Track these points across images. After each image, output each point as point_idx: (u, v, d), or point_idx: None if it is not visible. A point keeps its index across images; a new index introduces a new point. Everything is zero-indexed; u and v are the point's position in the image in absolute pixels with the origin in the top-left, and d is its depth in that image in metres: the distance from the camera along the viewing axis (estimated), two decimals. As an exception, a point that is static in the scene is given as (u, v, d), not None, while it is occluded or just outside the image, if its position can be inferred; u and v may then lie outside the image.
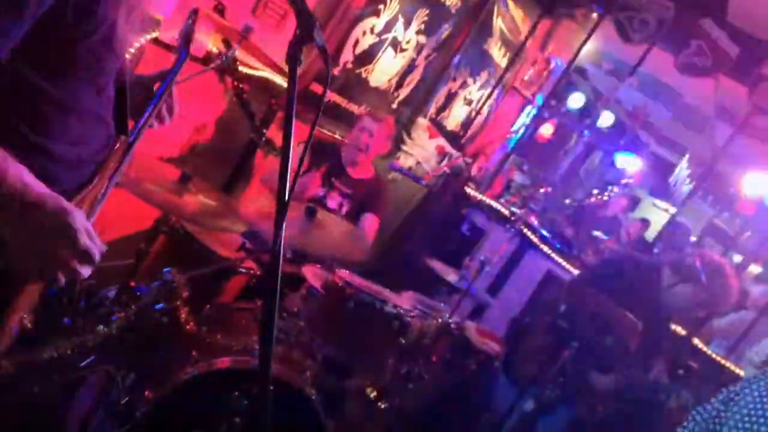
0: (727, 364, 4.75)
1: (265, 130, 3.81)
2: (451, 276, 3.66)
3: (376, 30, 4.61)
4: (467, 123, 7.07)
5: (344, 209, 3.63)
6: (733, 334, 5.26)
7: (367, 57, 4.70)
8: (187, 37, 1.66)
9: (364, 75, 4.82)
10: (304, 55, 1.24)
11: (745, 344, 5.06)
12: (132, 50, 2.75)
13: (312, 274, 2.79)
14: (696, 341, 4.79)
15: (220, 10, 3.12)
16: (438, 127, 6.36)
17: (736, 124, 6.64)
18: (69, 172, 1.26)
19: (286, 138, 1.18)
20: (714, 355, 4.83)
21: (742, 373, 4.64)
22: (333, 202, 3.61)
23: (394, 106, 5.53)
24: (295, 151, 1.20)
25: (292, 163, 1.19)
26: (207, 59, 3.30)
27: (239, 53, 3.01)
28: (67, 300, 2.09)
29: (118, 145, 1.39)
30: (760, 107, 5.81)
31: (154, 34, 2.90)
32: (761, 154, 7.76)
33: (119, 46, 1.25)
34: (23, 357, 1.86)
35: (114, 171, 1.39)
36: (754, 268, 7.36)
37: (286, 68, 1.24)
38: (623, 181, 10.85)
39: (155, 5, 2.85)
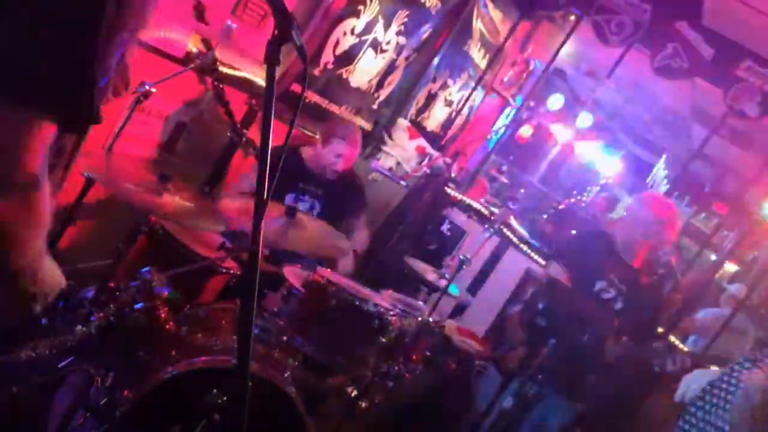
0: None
1: (245, 131, 3.80)
2: (431, 275, 3.68)
3: (357, 31, 4.62)
4: (447, 124, 7.11)
5: (316, 210, 3.63)
6: (710, 330, 5.34)
7: (347, 58, 4.71)
8: None
9: (344, 76, 4.84)
10: (283, 56, 1.25)
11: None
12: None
13: (292, 274, 2.80)
14: (672, 338, 4.85)
15: (200, 10, 3.12)
16: (418, 127, 6.39)
17: (712, 125, 6.74)
18: None
19: (264, 138, 1.20)
20: (690, 352, 4.90)
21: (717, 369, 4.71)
22: (304, 205, 3.61)
23: (375, 106, 5.55)
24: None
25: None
26: (187, 59, 3.30)
27: (219, 53, 3.02)
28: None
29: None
30: (735, 109, 5.90)
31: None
32: (736, 154, 7.89)
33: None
34: (1, 358, 1.85)
35: (70, 156, 1.42)
36: (730, 267, 7.48)
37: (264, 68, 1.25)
38: (602, 182, 10.97)
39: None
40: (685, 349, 4.87)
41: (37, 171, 1.09)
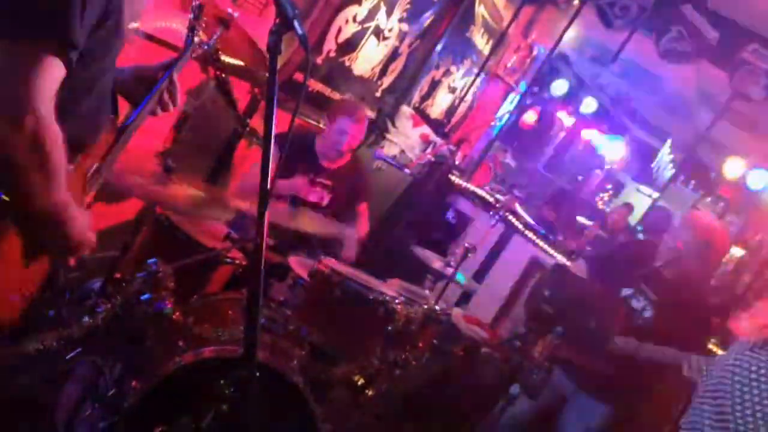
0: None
1: (248, 120, 3.79)
2: (437, 263, 3.67)
3: (359, 18, 4.60)
4: (451, 111, 7.08)
5: (325, 201, 3.62)
6: None
7: (350, 45, 4.69)
8: (191, 28, 1.76)
9: (347, 63, 4.81)
10: (285, 44, 1.24)
11: None
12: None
13: (298, 263, 2.80)
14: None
15: (200, -1, 3.09)
16: (422, 115, 6.37)
17: (718, 109, 6.70)
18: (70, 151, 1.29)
19: (267, 127, 1.19)
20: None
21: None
22: (314, 196, 3.60)
23: (378, 94, 5.53)
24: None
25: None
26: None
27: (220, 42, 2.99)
28: (52, 293, 2.09)
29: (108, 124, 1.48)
30: (741, 92, 5.86)
31: (134, 24, 2.87)
32: (742, 138, 7.84)
33: (122, 33, 1.36)
34: (9, 350, 1.86)
35: (108, 151, 1.45)
36: (736, 251, 7.45)
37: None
38: (606, 167, 10.94)
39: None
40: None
41: (42, 107, 1.12)
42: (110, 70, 1.39)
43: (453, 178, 5.69)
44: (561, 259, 5.09)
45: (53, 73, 1.13)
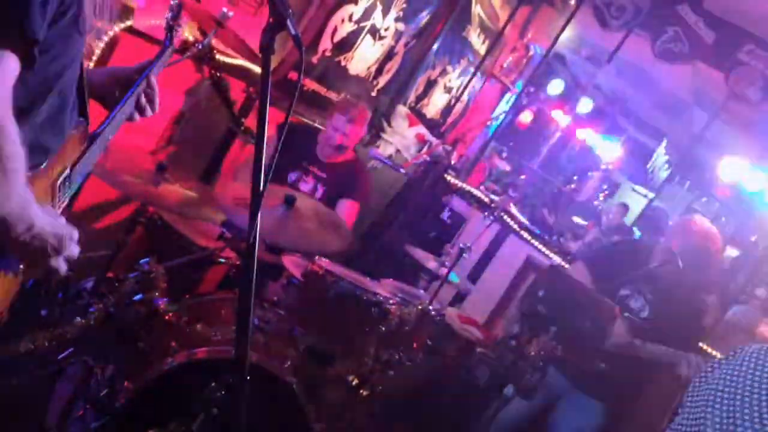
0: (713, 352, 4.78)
1: (243, 119, 3.78)
2: (432, 263, 3.67)
3: (355, 17, 4.59)
4: (447, 110, 7.07)
5: (318, 194, 3.60)
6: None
7: (345, 45, 4.68)
8: (169, 28, 1.68)
9: (343, 63, 4.80)
10: (281, 43, 1.24)
11: None
12: (105, 38, 2.71)
13: (292, 263, 2.79)
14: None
15: (195, -3, 3.08)
16: (418, 114, 6.36)
17: (713, 110, 6.70)
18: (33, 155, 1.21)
19: (260, 126, 1.18)
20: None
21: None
22: (306, 186, 3.58)
23: (374, 93, 5.52)
24: (270, 138, 1.20)
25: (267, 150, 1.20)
26: (183, 48, 3.27)
27: (215, 41, 2.99)
28: (45, 292, 2.07)
29: (78, 129, 1.38)
30: (737, 93, 5.86)
31: (128, 23, 2.86)
32: (738, 139, 7.86)
33: (84, 27, 1.25)
34: (1, 350, 1.85)
35: (79, 158, 1.38)
36: (731, 251, 7.47)
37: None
38: (602, 167, 10.95)
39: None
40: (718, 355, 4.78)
41: None
42: (72, 66, 1.28)
43: (448, 178, 5.68)
44: (556, 259, 5.09)
45: (8, 67, 1.05)
